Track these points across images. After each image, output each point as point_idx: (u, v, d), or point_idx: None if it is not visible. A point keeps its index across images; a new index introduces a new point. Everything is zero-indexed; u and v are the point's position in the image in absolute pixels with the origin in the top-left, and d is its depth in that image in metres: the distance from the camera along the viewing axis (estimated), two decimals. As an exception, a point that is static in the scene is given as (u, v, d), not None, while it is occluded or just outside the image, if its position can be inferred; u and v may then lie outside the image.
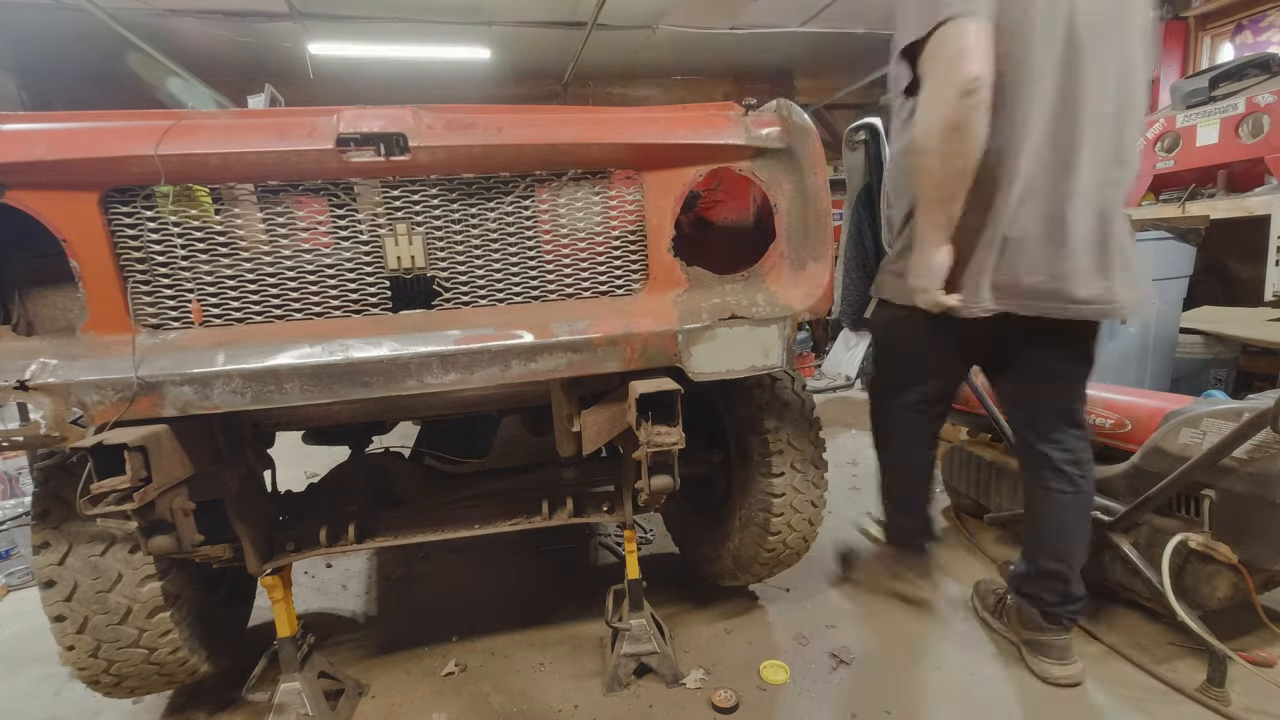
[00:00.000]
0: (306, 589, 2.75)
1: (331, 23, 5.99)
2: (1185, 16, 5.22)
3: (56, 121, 1.36)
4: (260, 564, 1.80)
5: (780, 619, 2.36)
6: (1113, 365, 3.72)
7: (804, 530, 2.16)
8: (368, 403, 1.63)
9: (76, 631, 1.67)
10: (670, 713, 1.90)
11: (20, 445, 1.34)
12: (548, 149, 1.55)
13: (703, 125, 1.63)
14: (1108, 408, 2.34)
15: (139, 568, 1.69)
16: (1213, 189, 4.22)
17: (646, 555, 2.91)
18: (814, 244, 1.71)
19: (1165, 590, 1.90)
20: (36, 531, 1.66)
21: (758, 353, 1.66)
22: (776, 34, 7.07)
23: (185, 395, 1.39)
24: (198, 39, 6.16)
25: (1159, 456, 2.03)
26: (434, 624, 2.42)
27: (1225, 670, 1.82)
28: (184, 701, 2.06)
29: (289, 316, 1.51)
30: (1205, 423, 1.93)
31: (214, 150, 1.38)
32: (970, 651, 2.12)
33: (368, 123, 1.42)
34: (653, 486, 1.69)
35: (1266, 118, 3.79)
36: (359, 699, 2.02)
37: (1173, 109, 4.39)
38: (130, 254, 1.43)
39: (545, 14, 6.22)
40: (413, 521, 2.00)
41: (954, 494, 3.11)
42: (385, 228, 1.53)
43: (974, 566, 2.65)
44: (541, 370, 1.54)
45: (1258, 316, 3.76)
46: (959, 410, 3.00)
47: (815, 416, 2.17)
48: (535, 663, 2.17)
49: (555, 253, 1.65)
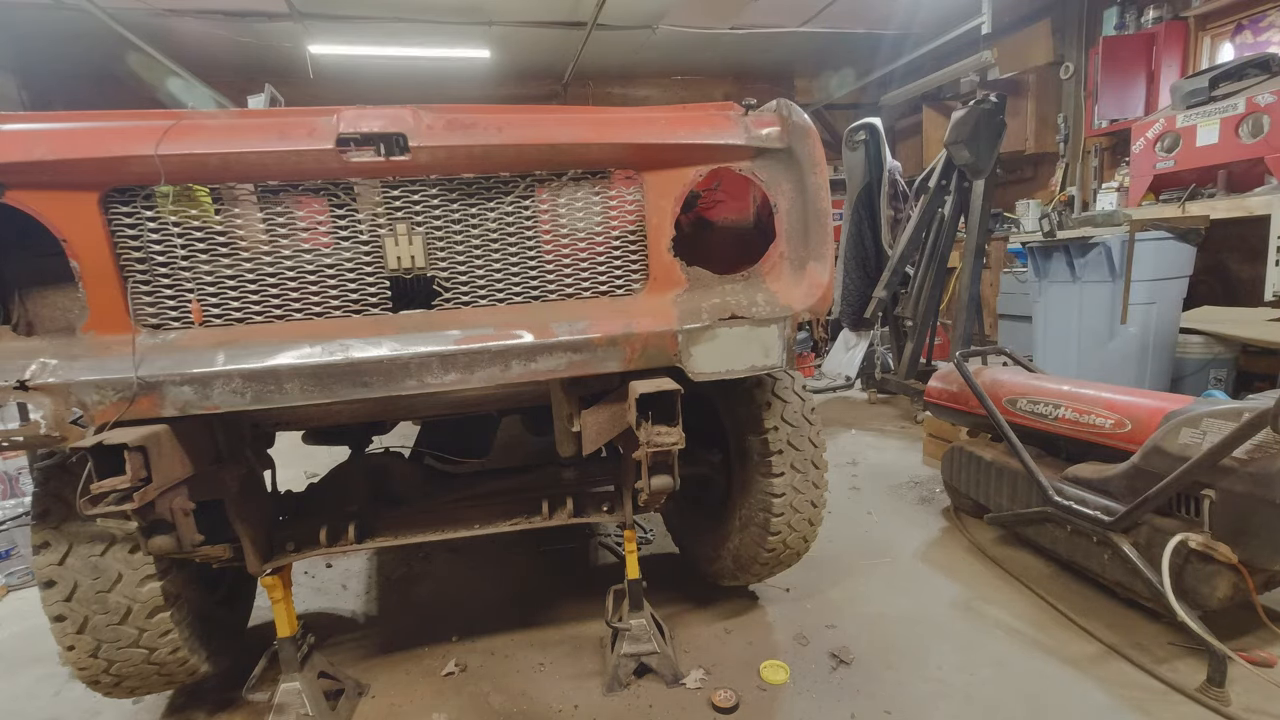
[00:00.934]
0: (306, 589, 2.75)
1: (331, 23, 5.99)
2: (1185, 16, 5.22)
3: (56, 121, 1.36)
4: (260, 564, 1.80)
5: (780, 619, 2.36)
6: (1113, 365, 3.73)
7: (804, 530, 2.16)
8: (368, 403, 1.63)
9: (76, 631, 1.67)
10: (670, 713, 1.90)
11: (20, 445, 1.34)
12: (548, 149, 1.54)
13: (703, 125, 1.63)
14: (1108, 408, 2.34)
15: (139, 568, 1.69)
16: (1213, 189, 4.23)
17: (646, 555, 2.91)
18: (814, 244, 1.71)
19: (1165, 590, 1.90)
20: (36, 531, 1.66)
21: (758, 353, 1.66)
22: (776, 34, 7.07)
23: (185, 395, 1.39)
24: (198, 39, 6.16)
25: (1159, 456, 2.03)
26: (434, 624, 2.42)
27: (1225, 670, 1.82)
28: (184, 701, 2.06)
29: (289, 316, 1.51)
30: (1205, 423, 1.93)
31: (214, 150, 1.38)
32: (970, 651, 2.12)
33: (368, 123, 1.42)
34: (653, 486, 1.69)
35: (1266, 118, 3.79)
36: (359, 699, 2.02)
37: (1173, 109, 4.39)
38: (130, 254, 1.43)
39: (545, 14, 6.22)
40: (413, 521, 2.00)
41: (954, 494, 3.11)
42: (385, 228, 1.53)
43: (974, 566, 2.65)
44: (541, 370, 1.54)
45: (1258, 316, 3.76)
46: (959, 410, 3.00)
47: (815, 416, 2.17)
48: (535, 663, 2.17)
49: (555, 253, 1.65)
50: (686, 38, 7.05)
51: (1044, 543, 2.50)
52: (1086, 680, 1.95)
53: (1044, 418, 2.55)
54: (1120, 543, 2.11)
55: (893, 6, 6.47)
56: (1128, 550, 2.08)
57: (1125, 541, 2.10)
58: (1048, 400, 2.56)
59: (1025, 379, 2.78)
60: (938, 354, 5.47)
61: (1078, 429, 2.42)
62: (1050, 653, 2.09)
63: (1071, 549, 2.36)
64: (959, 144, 3.97)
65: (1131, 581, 2.13)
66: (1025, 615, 2.30)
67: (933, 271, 4.41)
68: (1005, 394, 2.73)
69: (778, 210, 1.70)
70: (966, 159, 4.02)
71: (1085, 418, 2.40)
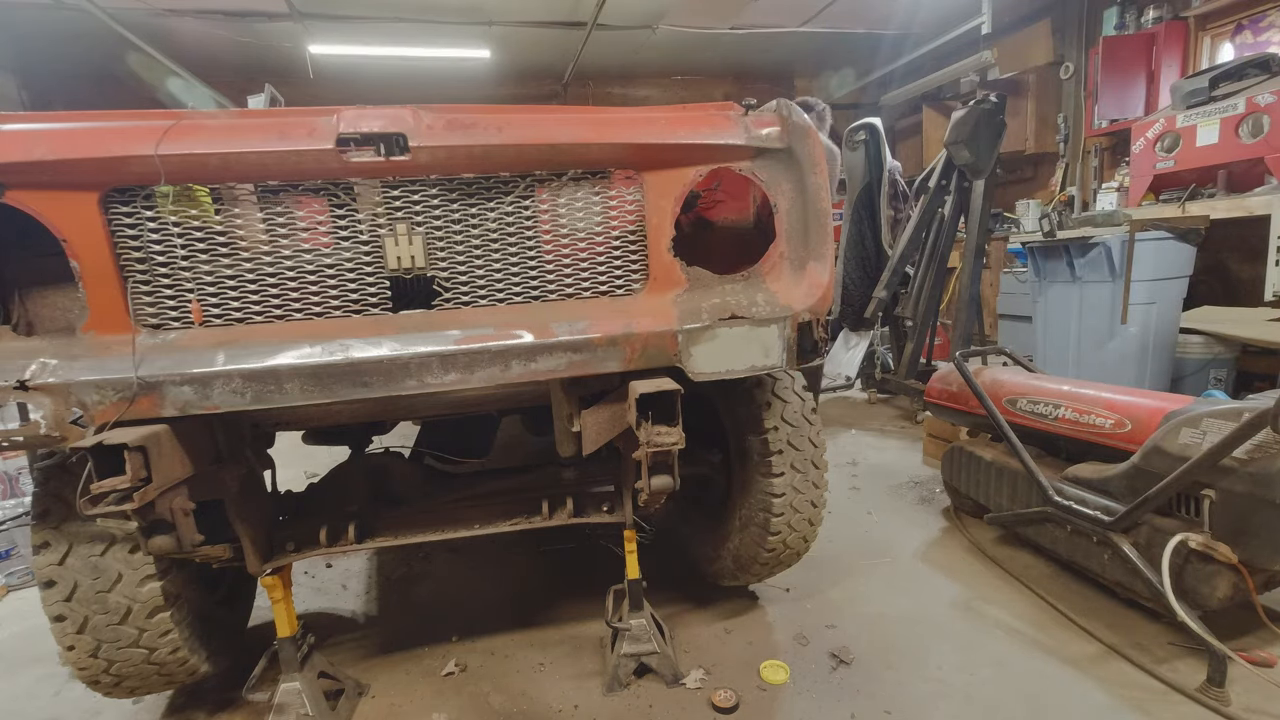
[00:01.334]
0: (306, 589, 2.75)
1: (331, 23, 5.99)
2: (1185, 16, 5.22)
3: (56, 121, 1.36)
4: (260, 564, 1.80)
5: (780, 619, 2.36)
6: (1113, 365, 3.73)
7: (804, 530, 2.16)
8: (368, 403, 1.63)
9: (76, 631, 1.67)
10: (670, 713, 1.90)
11: (20, 445, 1.34)
12: (548, 149, 1.54)
13: (703, 125, 1.63)
14: (1107, 408, 2.34)
15: (139, 568, 1.69)
16: (1213, 189, 4.23)
17: (646, 555, 2.91)
18: (814, 244, 1.71)
19: (1165, 590, 1.90)
20: (36, 531, 1.66)
21: (758, 353, 1.66)
22: (776, 34, 7.08)
23: (185, 395, 1.39)
24: (198, 39, 6.17)
25: (1159, 456, 2.03)
26: (434, 624, 2.42)
27: (1225, 670, 1.82)
28: (184, 701, 2.06)
29: (289, 316, 1.51)
30: (1205, 423, 1.93)
31: (214, 150, 1.38)
32: (970, 651, 2.12)
33: (368, 123, 1.42)
34: (653, 486, 1.69)
35: (1266, 118, 3.79)
36: (359, 699, 2.02)
37: (1173, 109, 4.39)
38: (130, 254, 1.42)
39: (545, 14, 6.22)
40: (413, 521, 2.00)
41: (954, 494, 3.11)
42: (385, 228, 1.53)
43: (974, 566, 2.65)
44: (541, 370, 1.54)
45: (1258, 316, 3.76)
46: (959, 410, 3.00)
47: (815, 416, 2.17)
48: (535, 663, 2.17)
49: (555, 253, 1.65)
50: (686, 38, 7.05)
51: (1044, 543, 2.50)
52: (1086, 680, 1.95)
53: (1044, 418, 2.55)
54: (1120, 543, 2.11)
55: (893, 6, 6.47)
56: (1128, 550, 2.08)
57: (1125, 541, 2.10)
58: (1048, 400, 2.56)
59: (1025, 379, 2.78)
60: (938, 354, 5.47)
61: (1078, 429, 2.42)
62: (1050, 653, 2.09)
63: (1071, 549, 2.36)
64: (959, 144, 3.97)
65: (1131, 581, 2.13)
66: (1025, 615, 2.30)
67: (933, 271, 4.41)
68: (1005, 394, 2.73)
69: (778, 210, 1.70)
70: (966, 159, 4.02)
71: (1085, 418, 2.40)
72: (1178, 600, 1.90)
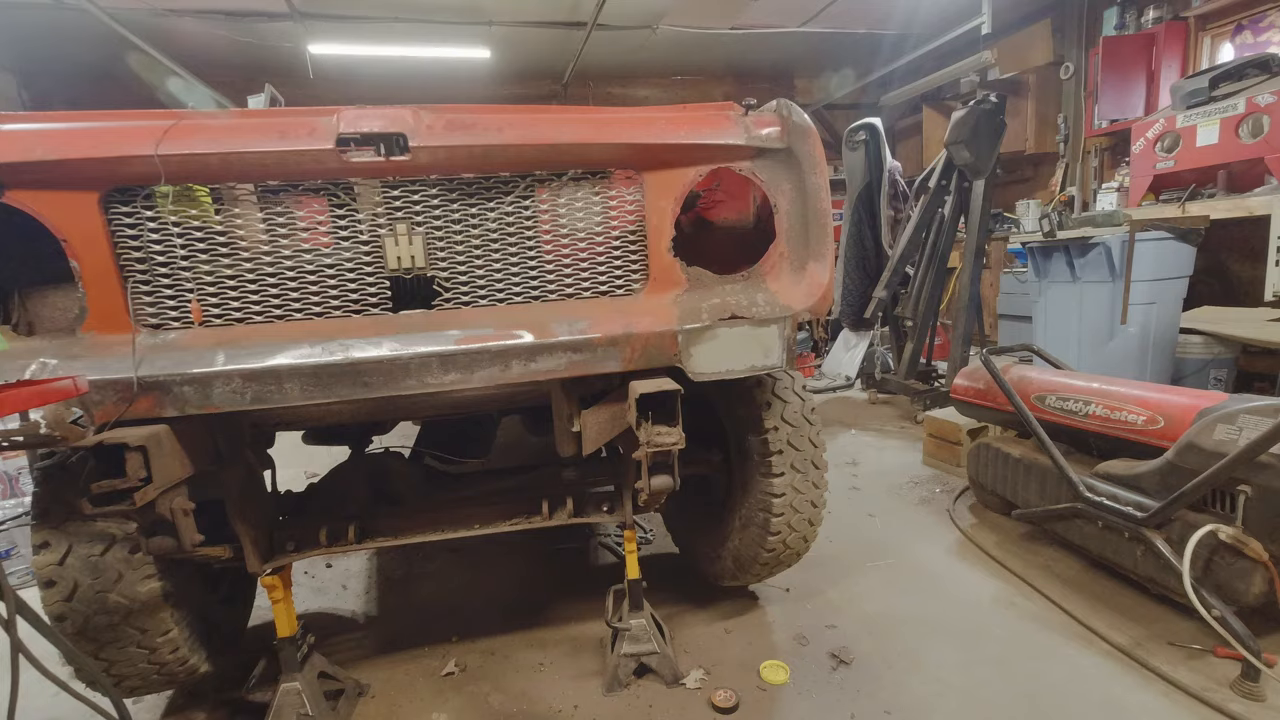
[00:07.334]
0: (306, 589, 2.75)
1: (331, 23, 5.98)
2: (1185, 16, 5.22)
3: (56, 121, 1.36)
4: (260, 564, 1.80)
5: (780, 619, 2.36)
6: (1113, 365, 3.73)
7: (804, 530, 2.16)
8: (368, 403, 1.63)
9: (76, 631, 1.67)
10: (670, 713, 1.90)
11: (20, 445, 1.34)
12: (548, 149, 1.54)
13: (703, 125, 1.63)
14: (1140, 404, 2.33)
15: (139, 568, 1.69)
16: (1213, 189, 4.23)
17: (646, 555, 2.91)
18: (814, 244, 1.71)
19: (1185, 580, 1.89)
20: (36, 531, 1.66)
21: (758, 353, 1.66)
22: (776, 34, 7.07)
23: (185, 395, 1.39)
24: (198, 39, 6.16)
25: (1193, 453, 2.02)
26: (434, 624, 2.42)
27: (1258, 671, 1.80)
28: (184, 701, 2.06)
29: (289, 316, 1.51)
30: (1242, 419, 1.93)
31: (214, 150, 1.38)
32: (970, 651, 2.12)
33: (368, 123, 1.42)
34: (653, 486, 1.69)
35: (1266, 118, 3.79)
36: (359, 699, 2.02)
37: (1173, 109, 4.39)
38: (130, 254, 1.43)
39: (545, 14, 6.22)
40: (413, 522, 2.00)
41: (979, 490, 3.10)
42: (385, 228, 1.53)
43: (975, 566, 2.65)
44: (541, 370, 1.54)
45: (1258, 316, 3.76)
46: (986, 406, 3.00)
47: (815, 416, 2.17)
48: (535, 663, 2.17)
49: (555, 253, 1.65)
50: (686, 38, 7.05)
51: (1073, 539, 2.50)
52: (1087, 680, 1.95)
53: (1074, 414, 2.55)
54: (1154, 538, 2.10)
55: (893, 6, 6.46)
56: (1161, 546, 2.08)
57: (1159, 537, 2.10)
58: (1078, 397, 2.55)
59: (1054, 375, 2.78)
60: (938, 354, 5.47)
61: (1108, 425, 2.42)
62: (1051, 653, 2.09)
63: (1102, 545, 2.36)
64: (959, 144, 3.97)
65: (1164, 577, 2.12)
66: (1026, 615, 2.30)
67: (933, 271, 4.41)
68: (1034, 390, 2.73)
69: (778, 210, 1.70)
70: (966, 159, 4.02)
71: (1116, 414, 2.39)
72: (1210, 595, 1.89)
